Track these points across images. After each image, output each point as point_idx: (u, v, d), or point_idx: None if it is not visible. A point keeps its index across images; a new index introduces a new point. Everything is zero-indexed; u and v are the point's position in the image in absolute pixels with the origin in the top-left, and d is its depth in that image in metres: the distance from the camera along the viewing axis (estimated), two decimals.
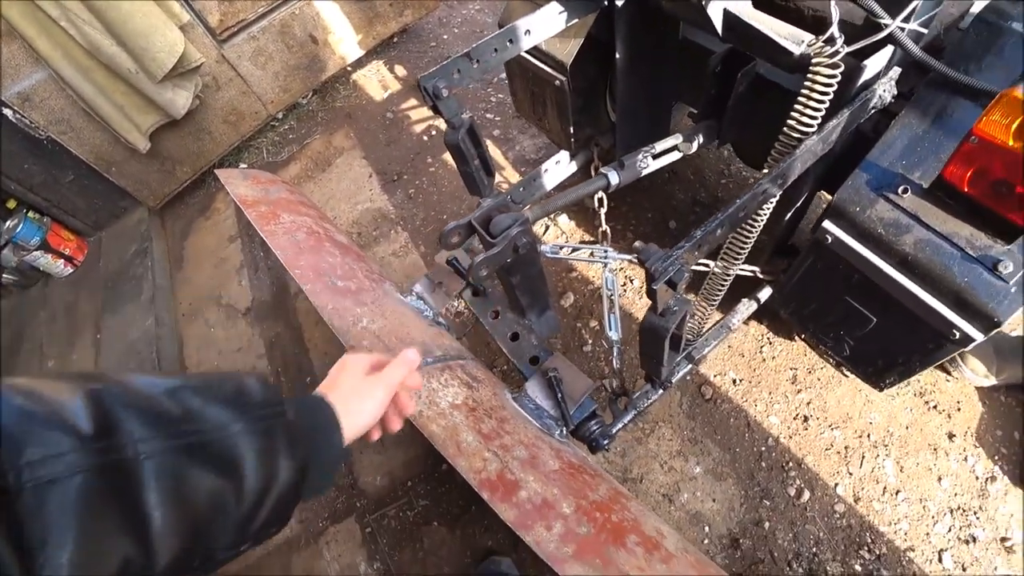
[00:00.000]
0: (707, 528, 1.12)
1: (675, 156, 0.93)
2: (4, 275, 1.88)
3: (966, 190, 0.60)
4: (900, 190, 0.69)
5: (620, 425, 0.93)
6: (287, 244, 0.97)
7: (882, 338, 0.82)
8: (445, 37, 2.26)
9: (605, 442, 0.89)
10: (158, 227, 1.94)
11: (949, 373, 1.24)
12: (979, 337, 0.67)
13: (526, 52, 1.03)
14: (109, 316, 1.71)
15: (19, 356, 1.74)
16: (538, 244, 0.89)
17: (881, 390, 0.95)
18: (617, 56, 1.02)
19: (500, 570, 1.12)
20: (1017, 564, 1.05)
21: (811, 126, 0.65)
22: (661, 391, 0.93)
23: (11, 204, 1.79)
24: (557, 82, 1.09)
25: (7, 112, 1.52)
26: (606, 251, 1.08)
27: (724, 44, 0.86)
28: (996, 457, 1.15)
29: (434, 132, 1.92)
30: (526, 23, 0.85)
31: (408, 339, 0.87)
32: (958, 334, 0.69)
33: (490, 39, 0.84)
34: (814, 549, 1.09)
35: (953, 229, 0.66)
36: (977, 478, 1.14)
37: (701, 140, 0.93)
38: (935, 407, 1.21)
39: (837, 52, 0.61)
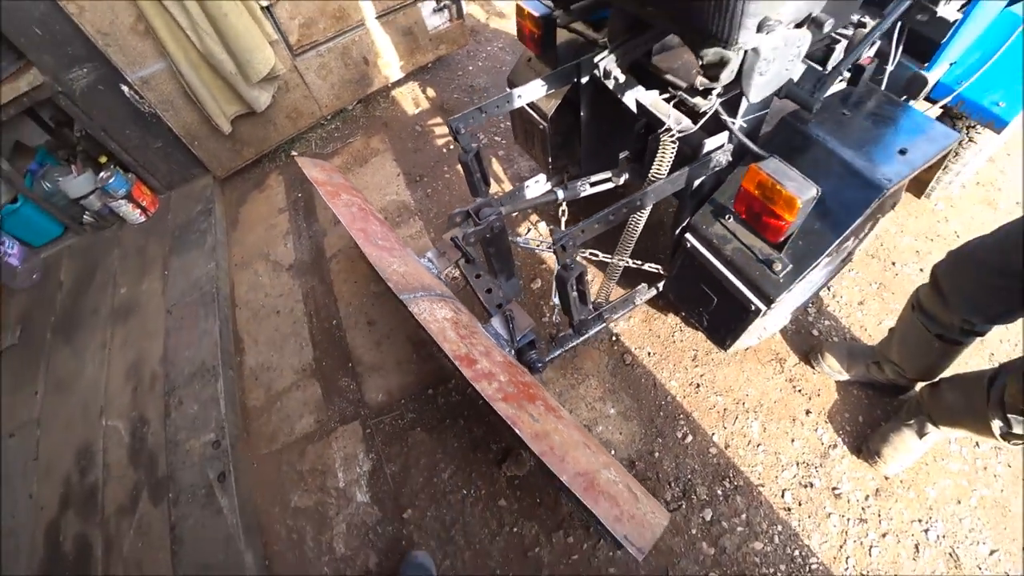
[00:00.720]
0: (613, 451, 1.53)
1: (608, 185, 1.39)
2: (85, 216, 2.33)
3: (744, 219, 1.06)
4: (725, 216, 1.14)
5: (550, 356, 1.37)
6: (346, 214, 1.43)
7: (720, 311, 1.26)
8: (470, 68, 2.75)
9: (539, 365, 1.33)
10: (219, 194, 2.39)
11: (813, 367, 1.66)
12: (763, 309, 1.12)
13: None
14: (175, 258, 2.15)
15: (92, 283, 2.16)
16: (508, 230, 1.34)
17: (725, 349, 1.38)
18: (582, 114, 1.49)
19: (418, 562, 1.36)
20: (839, 508, 1.39)
21: (661, 174, 1.11)
22: (578, 337, 1.38)
23: (103, 159, 2.25)
24: (541, 126, 1.55)
25: (124, 88, 1.99)
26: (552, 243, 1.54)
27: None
28: (840, 432, 1.49)
29: (452, 147, 2.37)
30: (521, 91, 1.32)
31: (421, 281, 1.32)
32: (753, 307, 1.13)
33: (495, 100, 1.31)
34: (689, 476, 1.46)
35: (752, 242, 1.11)
36: (822, 444, 1.48)
37: (627, 177, 1.39)
38: (800, 391, 1.59)
39: (673, 133, 1.07)
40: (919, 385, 1.44)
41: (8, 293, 2.18)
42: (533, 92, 1.34)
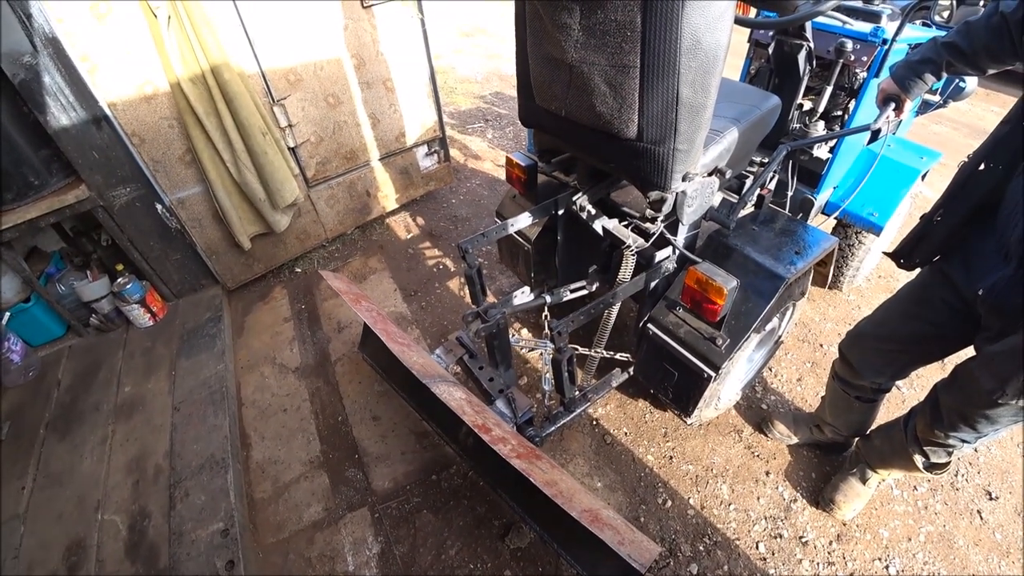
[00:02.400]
0: None
1: (583, 292, 1.77)
2: (92, 318, 2.46)
3: (690, 307, 1.43)
4: (676, 308, 1.51)
5: (546, 432, 1.61)
6: (369, 317, 1.71)
7: (680, 384, 1.57)
8: (454, 201, 3.26)
9: (538, 440, 1.56)
10: (227, 303, 2.61)
11: (766, 435, 1.93)
12: (712, 375, 1.44)
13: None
14: (184, 359, 2.28)
15: (95, 381, 2.21)
16: (509, 330, 1.65)
17: (688, 417, 1.67)
18: (559, 237, 1.92)
19: None
20: (808, 554, 1.59)
21: (626, 279, 1.50)
22: (569, 414, 1.64)
23: (119, 267, 2.46)
24: (526, 248, 1.96)
25: (158, 206, 2.28)
26: (545, 343, 1.85)
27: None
28: (798, 488, 1.75)
29: (440, 267, 2.74)
30: (513, 221, 1.72)
31: (436, 371, 1.57)
32: (705, 374, 1.46)
33: (494, 228, 1.70)
34: (673, 536, 1.63)
35: (698, 325, 1.47)
36: (784, 499, 1.72)
37: (597, 285, 1.78)
38: (758, 455, 1.85)
39: (632, 249, 1.48)
40: (856, 440, 1.75)
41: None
42: (522, 222, 1.76)
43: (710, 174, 1.41)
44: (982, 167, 1.07)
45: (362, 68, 2.50)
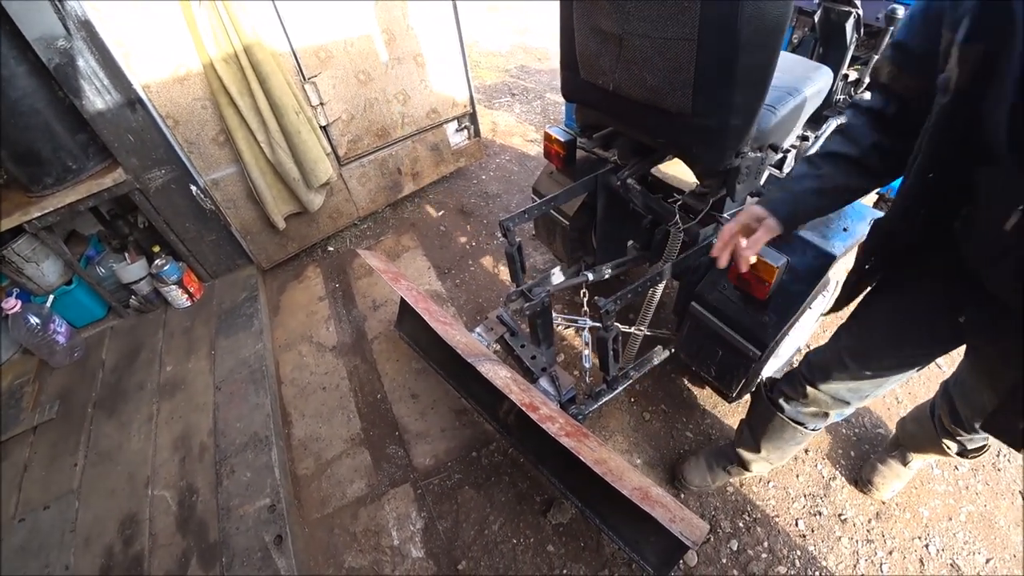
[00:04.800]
0: None
1: (623, 268, 1.74)
2: (132, 299, 2.52)
3: (737, 286, 1.39)
4: (722, 286, 1.48)
5: (589, 409, 1.61)
6: (411, 295, 1.71)
7: (725, 363, 1.55)
8: (483, 177, 3.23)
9: (581, 418, 1.57)
10: (261, 282, 2.64)
11: None
12: (760, 354, 1.42)
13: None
14: (223, 339, 2.33)
15: (137, 361, 2.28)
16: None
17: (731, 397, 1.66)
18: (598, 214, 1.89)
19: None
20: (848, 531, 1.58)
21: (673, 256, 1.46)
22: (611, 391, 1.64)
23: (156, 249, 2.50)
24: (564, 224, 1.94)
25: (192, 188, 2.30)
26: (585, 320, 1.84)
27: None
28: (836, 466, 1.74)
29: (473, 244, 2.73)
30: (553, 198, 1.70)
31: (479, 349, 1.57)
32: (752, 353, 1.44)
33: (534, 206, 1.67)
34: (713, 512, 1.63)
35: (745, 304, 1.44)
36: (823, 477, 1.71)
37: (636, 261, 1.75)
38: None
39: (680, 227, 1.44)
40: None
41: (47, 371, 2.29)
42: (562, 198, 1.73)
43: (761, 149, 1.36)
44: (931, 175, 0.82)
45: (392, 43, 2.45)
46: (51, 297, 2.30)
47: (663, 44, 1.07)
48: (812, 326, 1.94)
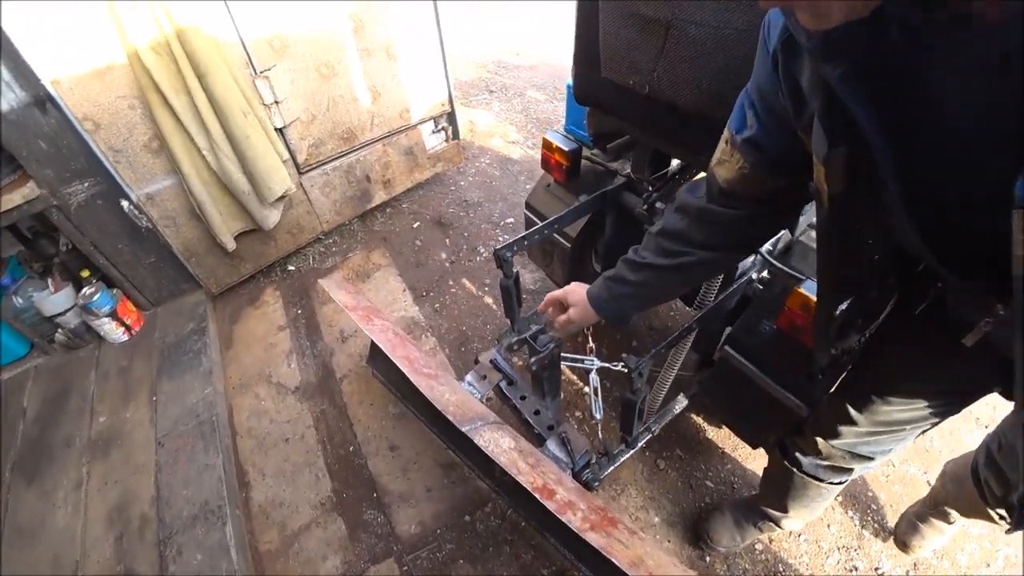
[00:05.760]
0: None
1: None
2: (58, 334, 2.14)
3: (787, 332, 1.17)
4: (763, 330, 1.26)
5: (604, 473, 1.37)
6: (385, 340, 1.43)
7: (759, 416, 1.34)
8: (462, 183, 2.93)
9: (595, 484, 1.33)
10: (211, 310, 2.30)
11: None
12: (807, 409, 1.21)
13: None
14: (166, 381, 1.99)
15: (65, 410, 1.94)
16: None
17: (755, 448, 1.45)
18: (607, 233, 1.64)
19: None
20: None
21: (710, 300, 1.23)
22: (630, 450, 1.40)
23: (85, 273, 2.12)
24: (565, 246, 1.68)
25: (124, 203, 1.94)
26: (592, 360, 1.60)
27: None
28: (867, 512, 1.58)
29: (453, 260, 2.45)
30: (557, 220, 1.44)
31: (473, 409, 1.31)
32: (797, 408, 1.22)
33: (535, 230, 1.42)
34: None
35: (793, 352, 1.23)
36: (855, 526, 1.56)
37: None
38: None
39: None
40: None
41: None
42: (568, 220, 1.48)
43: None
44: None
45: (361, 32, 2.13)
46: None
47: (728, 37, 0.82)
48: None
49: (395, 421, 1.83)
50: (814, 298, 1.07)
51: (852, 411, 1.00)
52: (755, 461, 1.71)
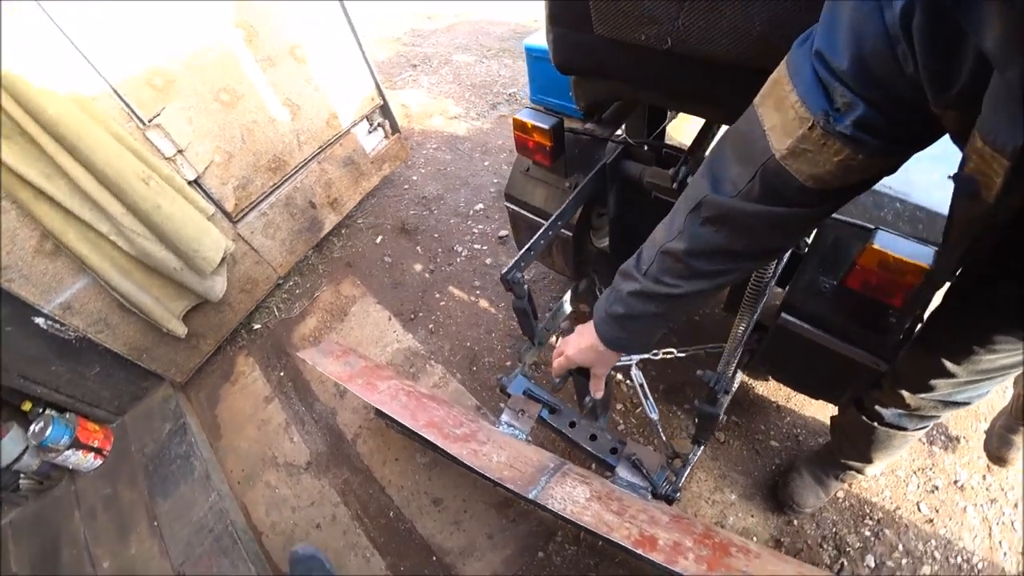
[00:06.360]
0: (755, 538, 1.42)
1: None
2: (22, 481, 1.85)
3: (859, 291, 1.03)
4: (827, 290, 1.11)
5: (682, 480, 1.25)
6: (399, 409, 1.22)
7: (832, 377, 1.22)
8: (415, 178, 2.64)
9: (677, 495, 1.20)
10: (185, 401, 2.02)
11: None
12: (886, 367, 1.09)
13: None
14: (161, 500, 1.75)
15: (61, 565, 1.69)
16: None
17: (839, 405, 1.35)
18: (611, 211, 1.44)
19: (302, 554, 1.42)
20: (969, 498, 1.42)
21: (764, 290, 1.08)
22: (700, 448, 1.28)
23: (26, 406, 1.81)
24: (566, 236, 1.48)
25: (39, 321, 1.62)
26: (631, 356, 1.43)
27: None
28: (933, 428, 1.54)
29: (431, 270, 2.21)
30: (559, 217, 1.24)
31: (529, 461, 1.14)
32: (875, 365, 1.10)
33: (537, 236, 1.21)
34: (834, 530, 1.40)
35: (864, 308, 1.09)
36: (923, 444, 1.53)
37: None
38: None
39: None
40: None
41: None
42: (571, 212, 1.27)
43: None
44: None
45: (255, 40, 1.77)
46: None
47: None
48: None
49: (428, 471, 1.65)
50: (892, 253, 0.93)
51: (949, 364, 0.93)
52: (812, 406, 1.63)
